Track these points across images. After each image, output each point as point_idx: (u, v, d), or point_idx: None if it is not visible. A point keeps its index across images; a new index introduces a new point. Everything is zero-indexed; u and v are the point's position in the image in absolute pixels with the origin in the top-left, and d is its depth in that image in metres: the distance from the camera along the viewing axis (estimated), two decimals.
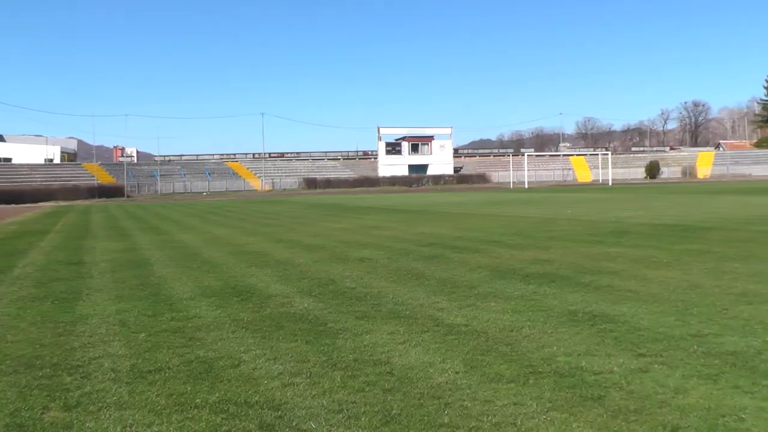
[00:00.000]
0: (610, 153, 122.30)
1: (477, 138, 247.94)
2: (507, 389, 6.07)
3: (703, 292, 10.38)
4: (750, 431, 5.10)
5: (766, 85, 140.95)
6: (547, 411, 5.52)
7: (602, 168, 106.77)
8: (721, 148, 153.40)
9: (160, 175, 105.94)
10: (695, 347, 7.27)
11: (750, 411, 5.45)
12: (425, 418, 5.45)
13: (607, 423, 5.26)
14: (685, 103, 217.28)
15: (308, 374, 6.66)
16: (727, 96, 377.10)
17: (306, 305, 10.20)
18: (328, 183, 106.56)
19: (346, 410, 5.66)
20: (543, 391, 5.98)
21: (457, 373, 6.57)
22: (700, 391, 5.92)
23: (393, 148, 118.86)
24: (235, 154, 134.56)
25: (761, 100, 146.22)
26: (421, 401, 5.82)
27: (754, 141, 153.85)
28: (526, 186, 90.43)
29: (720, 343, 7.45)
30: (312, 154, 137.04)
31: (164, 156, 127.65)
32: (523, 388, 6.08)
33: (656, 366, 6.64)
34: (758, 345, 7.33)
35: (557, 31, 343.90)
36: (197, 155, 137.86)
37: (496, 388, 6.09)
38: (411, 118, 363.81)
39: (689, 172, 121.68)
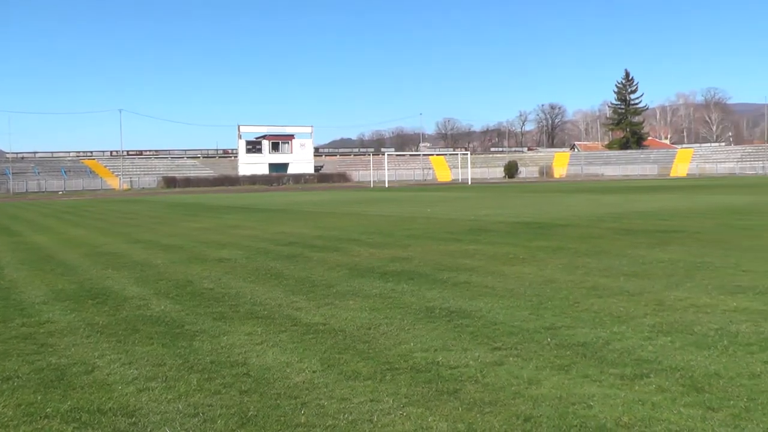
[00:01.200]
0: (469, 153, 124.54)
1: (338, 137, 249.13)
2: (364, 386, 6.06)
3: (557, 286, 10.68)
4: (597, 417, 5.25)
5: (616, 90, 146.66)
6: (403, 406, 5.54)
7: (462, 168, 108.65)
8: (575, 149, 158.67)
9: (12, 174, 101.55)
10: (548, 339, 7.46)
11: (598, 398, 5.63)
12: (282, 418, 5.38)
13: (462, 416, 5.32)
14: (543, 105, 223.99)
15: (164, 378, 6.49)
16: (581, 99, 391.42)
17: (163, 307, 9.97)
18: (188, 182, 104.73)
19: (202, 414, 5.53)
20: (399, 387, 6.00)
21: (314, 372, 6.53)
22: (552, 381, 6.07)
23: (253, 146, 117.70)
24: (92, 152, 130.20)
25: (612, 104, 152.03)
26: (278, 402, 5.75)
27: (606, 143, 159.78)
28: (387, 185, 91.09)
29: (572, 335, 7.67)
30: (171, 152, 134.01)
31: (16, 153, 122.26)
32: (380, 385, 6.08)
33: (511, 359, 6.78)
34: (606, 336, 7.59)
35: (417, 33, 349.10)
36: (52, 152, 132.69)
37: (352, 386, 6.07)
38: (272, 116, 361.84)
39: (546, 171, 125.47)
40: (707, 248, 14.86)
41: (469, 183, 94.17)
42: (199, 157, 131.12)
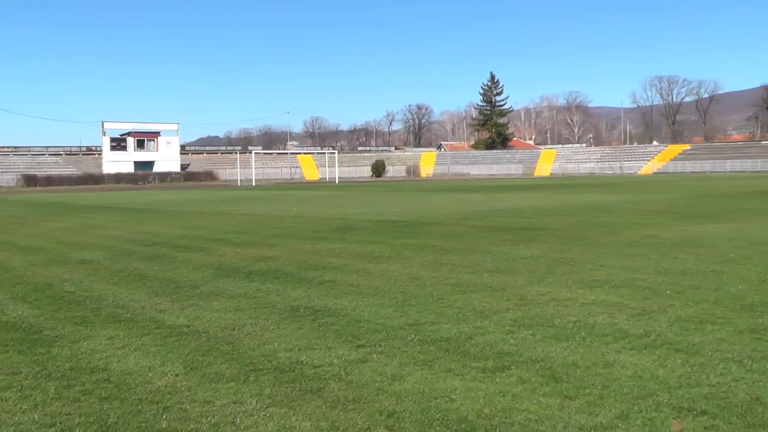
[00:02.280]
0: (337, 152, 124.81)
1: (205, 135, 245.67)
2: (227, 388, 5.98)
3: (422, 283, 10.81)
4: (459, 410, 5.35)
5: (482, 92, 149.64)
6: (266, 407, 5.49)
7: (329, 166, 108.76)
8: (442, 149, 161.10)
9: None
10: (412, 336, 7.54)
11: (460, 392, 5.73)
12: (143, 424, 5.26)
13: (326, 414, 5.32)
14: (410, 105, 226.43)
15: (19, 387, 6.22)
16: (448, 100, 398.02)
17: (20, 312, 9.56)
18: (50, 180, 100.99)
19: (60, 423, 5.33)
20: (263, 388, 5.95)
21: (177, 375, 6.40)
22: (415, 376, 6.13)
23: (118, 143, 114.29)
24: None
25: (478, 105, 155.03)
26: (139, 407, 5.60)
27: (472, 143, 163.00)
28: (254, 184, 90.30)
29: (435, 330, 7.77)
30: (32, 149, 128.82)
31: None
32: (244, 386, 6.01)
33: (375, 356, 6.82)
34: (469, 331, 7.73)
35: (284, 30, 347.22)
36: None
37: (216, 388, 5.98)
38: (137, 113, 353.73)
39: (413, 171, 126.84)
40: (568, 245, 15.33)
41: (337, 182, 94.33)
42: (61, 155, 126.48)
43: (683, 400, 5.51)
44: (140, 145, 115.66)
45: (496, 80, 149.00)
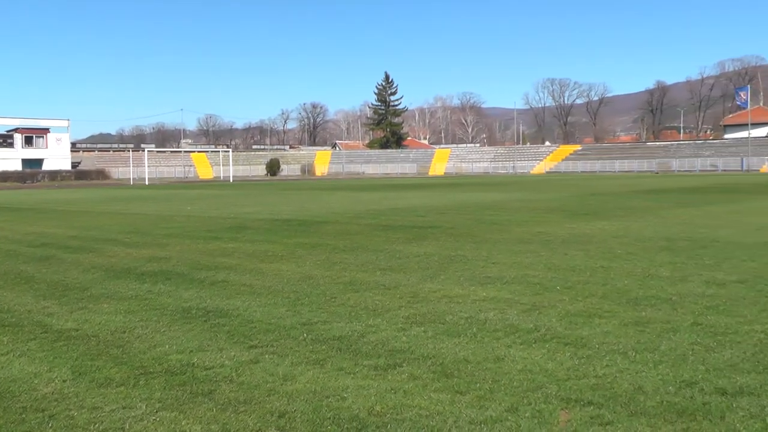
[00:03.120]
0: (231, 150, 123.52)
1: (97, 132, 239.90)
2: (116, 393, 5.85)
3: (315, 282, 10.80)
4: (350, 408, 5.37)
5: (377, 91, 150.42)
6: (156, 411, 5.40)
7: (224, 165, 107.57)
8: (337, 148, 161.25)
9: None
10: (305, 335, 7.52)
11: (351, 390, 5.75)
12: None
13: (217, 416, 5.26)
14: (305, 104, 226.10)
15: None
16: (342, 99, 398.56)
17: None
18: None
19: None
20: (153, 392, 5.84)
21: (64, 381, 6.22)
22: (307, 376, 6.12)
23: (4, 140, 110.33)
24: None
25: (373, 104, 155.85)
26: (23, 416, 5.41)
27: (366, 142, 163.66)
28: (147, 182, 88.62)
29: (328, 329, 7.78)
30: None
31: None
32: (133, 391, 5.89)
33: (267, 356, 6.78)
34: (361, 329, 7.76)
35: (178, 26, 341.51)
36: None
37: (104, 394, 5.84)
38: (24, 108, 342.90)
39: (308, 169, 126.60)
40: (460, 242, 15.54)
41: (231, 180, 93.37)
42: None
43: (571, 391, 5.66)
44: (28, 142, 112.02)
45: (390, 80, 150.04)
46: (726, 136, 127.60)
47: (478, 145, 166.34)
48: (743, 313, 8.33)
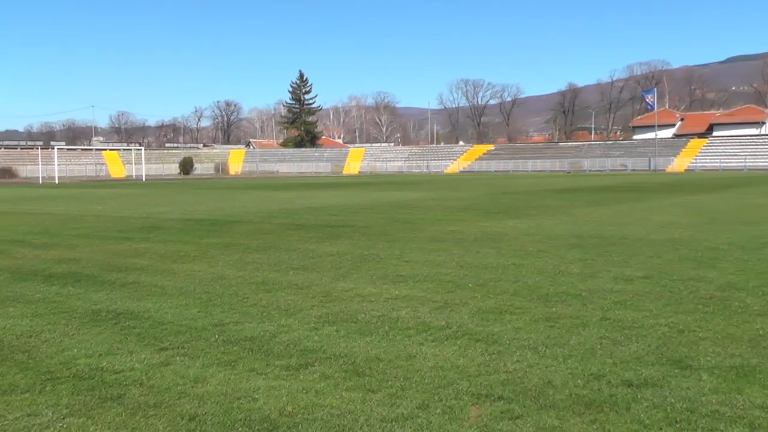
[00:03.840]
0: (143, 148, 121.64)
1: (3, 129, 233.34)
2: (21, 400, 5.69)
3: (227, 282, 10.71)
4: (262, 409, 5.35)
5: (291, 90, 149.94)
6: (63, 418, 5.29)
7: (136, 164, 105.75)
8: (251, 147, 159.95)
9: None
10: (216, 336, 7.46)
11: (263, 391, 5.74)
12: None
13: (126, 421, 5.18)
14: (218, 102, 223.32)
15: None
16: (256, 97, 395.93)
17: None
18: None
19: None
20: (60, 398, 5.71)
21: None
22: (218, 378, 6.08)
23: None
24: None
25: (287, 103, 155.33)
26: None
27: (281, 141, 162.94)
28: (57, 181, 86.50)
29: (240, 330, 7.73)
30: None
31: None
32: (39, 397, 5.75)
33: (178, 358, 6.70)
34: (273, 329, 7.74)
35: (86, 20, 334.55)
36: None
37: (8, 401, 5.68)
38: None
39: (221, 168, 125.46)
40: (373, 241, 15.60)
41: (144, 179, 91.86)
42: None
43: (482, 387, 5.75)
44: None
45: (305, 79, 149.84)
46: (635, 137, 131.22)
47: (392, 144, 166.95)
48: (649, 307, 8.58)
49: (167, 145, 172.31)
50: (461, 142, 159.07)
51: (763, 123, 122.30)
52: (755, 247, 13.91)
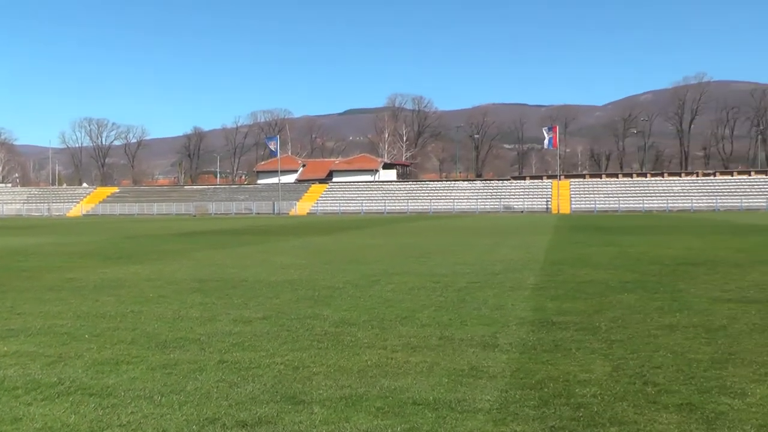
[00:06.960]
0: None
1: None
2: None
3: None
4: None
5: None
6: None
7: None
8: None
9: None
10: None
11: None
12: None
13: None
14: None
15: None
16: None
17: None
18: None
19: None
20: None
21: None
22: None
23: None
24: None
25: None
26: None
27: None
28: None
29: None
30: None
31: None
32: None
33: None
34: None
35: None
36: None
37: None
38: None
39: None
40: None
41: None
42: None
43: None
44: None
45: None
46: (259, 181, 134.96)
47: (9, 185, 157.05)
48: (266, 347, 8.82)
49: None
50: (85, 184, 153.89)
51: (377, 170, 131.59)
52: (367, 284, 14.85)
